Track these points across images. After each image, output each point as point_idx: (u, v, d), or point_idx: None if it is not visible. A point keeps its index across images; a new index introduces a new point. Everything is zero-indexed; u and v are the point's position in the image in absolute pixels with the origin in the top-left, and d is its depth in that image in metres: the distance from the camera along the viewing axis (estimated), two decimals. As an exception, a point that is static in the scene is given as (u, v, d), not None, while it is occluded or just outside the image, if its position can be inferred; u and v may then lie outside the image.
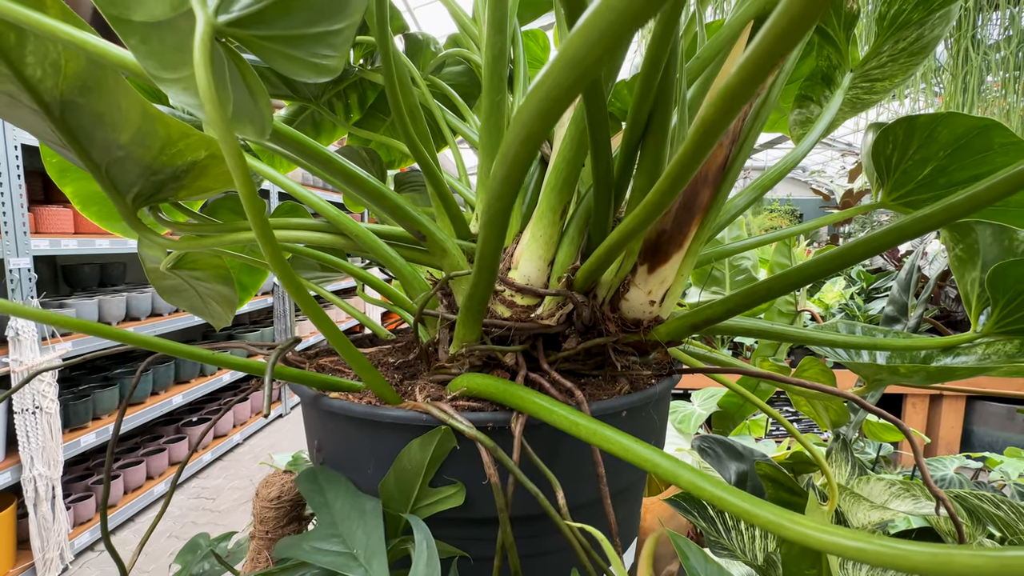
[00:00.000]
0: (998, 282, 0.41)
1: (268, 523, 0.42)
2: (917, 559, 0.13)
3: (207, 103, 0.18)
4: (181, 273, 0.56)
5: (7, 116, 0.32)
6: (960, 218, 0.41)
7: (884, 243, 0.28)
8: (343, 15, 0.18)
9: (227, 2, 0.18)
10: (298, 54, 0.19)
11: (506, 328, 0.32)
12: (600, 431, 0.22)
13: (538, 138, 0.18)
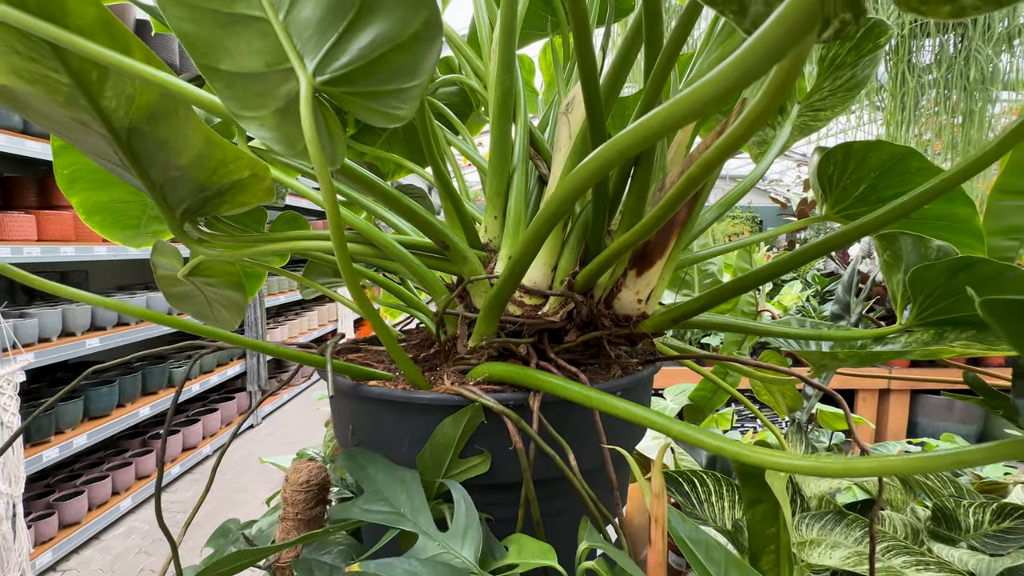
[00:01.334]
0: (917, 283, 0.49)
1: (298, 505, 0.46)
2: (832, 467, 0.20)
3: (311, 146, 0.23)
4: (195, 280, 0.59)
5: (74, 139, 0.36)
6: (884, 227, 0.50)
7: (820, 250, 0.35)
8: (415, 76, 0.23)
9: (323, 66, 0.24)
10: (376, 106, 0.24)
11: (518, 324, 0.37)
12: (607, 400, 0.27)
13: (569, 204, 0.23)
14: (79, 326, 2.17)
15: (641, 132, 0.18)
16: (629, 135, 0.19)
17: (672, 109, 0.17)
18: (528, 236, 0.29)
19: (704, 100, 0.16)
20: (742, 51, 0.14)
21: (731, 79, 0.14)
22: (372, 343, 0.55)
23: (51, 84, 0.31)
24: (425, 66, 0.23)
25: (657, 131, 0.17)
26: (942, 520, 0.60)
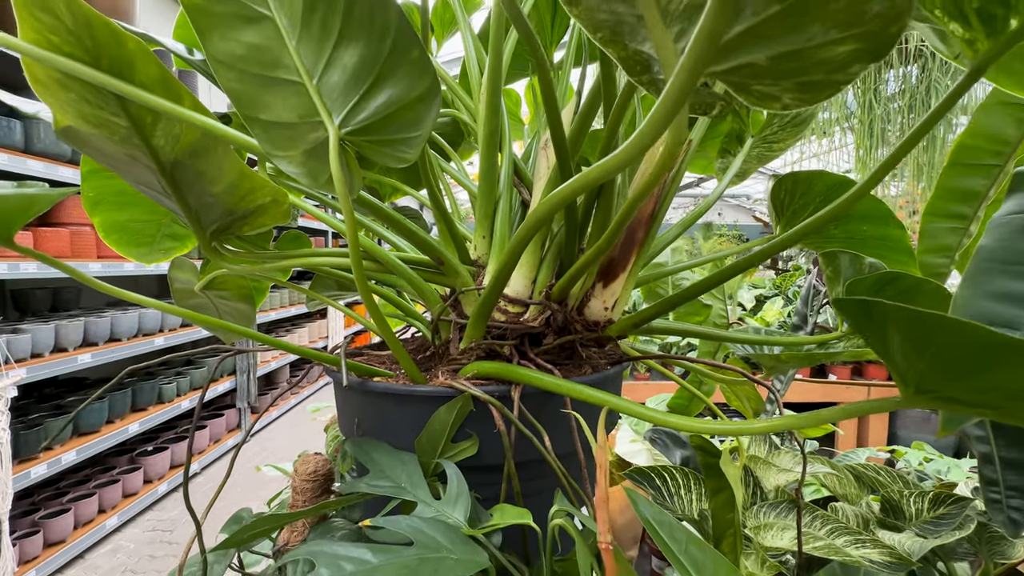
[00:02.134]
0: (851, 294, 0.56)
1: (305, 494, 0.51)
2: (730, 427, 0.26)
3: (337, 183, 0.29)
4: (209, 293, 0.65)
5: (120, 169, 0.42)
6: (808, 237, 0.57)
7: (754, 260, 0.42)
8: (420, 128, 0.30)
9: (347, 120, 0.30)
10: (389, 151, 0.31)
11: (502, 329, 0.43)
12: (577, 388, 0.34)
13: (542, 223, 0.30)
14: (71, 342, 2.18)
15: (582, 181, 0.25)
16: (579, 180, 0.25)
17: (605, 165, 0.23)
18: (509, 249, 0.36)
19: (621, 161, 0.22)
20: (642, 128, 0.20)
21: (635, 147, 0.21)
22: (374, 348, 0.61)
23: (111, 126, 0.38)
24: (427, 121, 0.30)
25: (596, 179, 0.24)
26: (890, 511, 0.66)
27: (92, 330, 2.29)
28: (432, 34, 0.78)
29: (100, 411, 2.34)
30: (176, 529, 2.52)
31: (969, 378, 0.20)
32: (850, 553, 0.50)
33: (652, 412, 0.29)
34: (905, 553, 0.52)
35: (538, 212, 0.30)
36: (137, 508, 2.55)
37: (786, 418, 0.26)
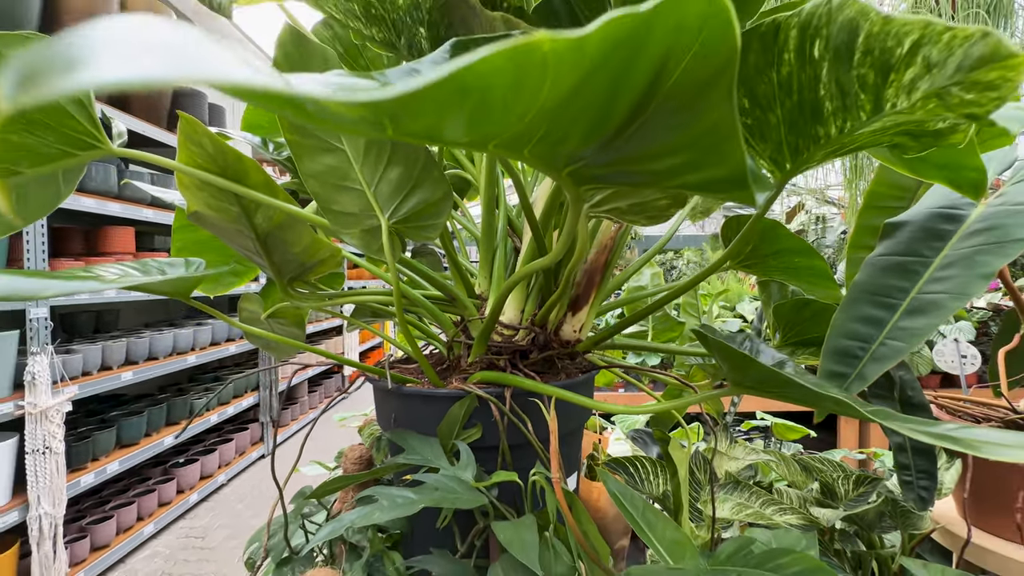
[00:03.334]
0: (777, 315, 0.71)
1: (352, 471, 0.66)
2: (652, 407, 0.41)
3: (388, 255, 0.45)
4: (271, 320, 0.81)
5: (227, 238, 0.59)
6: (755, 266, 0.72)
7: (693, 283, 0.57)
8: (440, 217, 0.46)
9: (392, 214, 0.47)
10: (420, 233, 0.47)
11: (499, 347, 0.59)
12: (552, 389, 0.49)
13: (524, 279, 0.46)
14: (115, 360, 2.38)
15: (539, 264, 0.41)
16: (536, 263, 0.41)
17: (548, 259, 0.39)
18: (500, 292, 0.52)
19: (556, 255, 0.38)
20: (560, 238, 0.36)
21: (562, 247, 0.36)
22: (401, 363, 0.77)
23: (227, 212, 0.55)
24: (444, 215, 0.46)
25: (548, 263, 0.40)
26: (826, 493, 0.80)
27: (133, 349, 2.49)
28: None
29: (139, 425, 2.53)
30: (207, 535, 2.68)
31: (754, 384, 0.36)
32: (773, 518, 0.64)
33: (592, 401, 0.44)
34: (815, 519, 0.66)
35: (519, 273, 0.46)
36: (171, 516, 2.72)
37: (656, 405, 0.41)
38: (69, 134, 0.47)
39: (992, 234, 0.51)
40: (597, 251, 0.58)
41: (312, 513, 0.69)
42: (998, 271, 0.49)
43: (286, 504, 0.64)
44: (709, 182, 0.25)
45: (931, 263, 0.54)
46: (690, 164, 0.24)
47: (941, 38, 0.21)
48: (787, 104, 0.34)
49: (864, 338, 0.54)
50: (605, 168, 0.26)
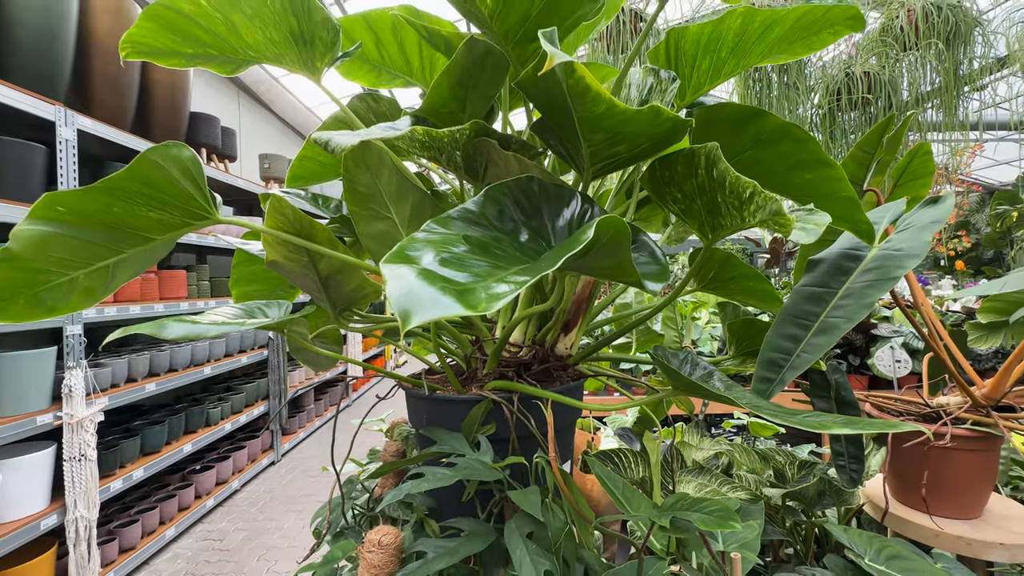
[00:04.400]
0: (731, 331, 0.88)
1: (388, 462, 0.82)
2: (622, 404, 0.58)
3: (427, 298, 0.62)
4: (316, 340, 0.98)
5: (295, 280, 0.76)
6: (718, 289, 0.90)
7: (663, 304, 0.74)
8: (464, 269, 0.63)
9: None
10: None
11: (507, 361, 0.76)
12: (550, 393, 0.66)
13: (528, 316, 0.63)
14: (140, 372, 2.53)
15: (536, 309, 0.57)
16: (534, 308, 0.57)
17: (544, 306, 0.55)
18: (509, 326, 0.68)
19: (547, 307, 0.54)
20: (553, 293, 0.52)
21: (555, 299, 0.53)
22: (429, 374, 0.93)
23: (298, 261, 0.71)
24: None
25: (544, 309, 0.56)
26: (778, 476, 0.96)
27: (156, 362, 2.64)
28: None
29: (161, 433, 2.67)
30: (225, 538, 2.82)
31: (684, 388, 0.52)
32: (727, 495, 0.81)
33: (580, 402, 0.61)
34: (763, 495, 0.82)
35: (520, 314, 0.63)
36: (190, 520, 2.86)
37: (626, 403, 0.57)
38: (189, 209, 0.63)
39: (878, 272, 0.68)
40: (583, 285, 0.75)
41: (357, 496, 0.85)
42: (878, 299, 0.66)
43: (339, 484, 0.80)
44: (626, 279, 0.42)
45: (836, 293, 0.71)
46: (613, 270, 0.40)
47: (761, 195, 0.38)
48: (704, 199, 0.51)
49: (786, 351, 0.71)
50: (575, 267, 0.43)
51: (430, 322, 0.29)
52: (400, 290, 0.29)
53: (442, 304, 0.28)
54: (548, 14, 0.51)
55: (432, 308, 0.27)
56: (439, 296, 0.29)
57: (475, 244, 0.38)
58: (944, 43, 2.52)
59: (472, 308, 0.28)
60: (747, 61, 0.75)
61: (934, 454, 0.84)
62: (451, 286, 0.31)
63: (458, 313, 0.27)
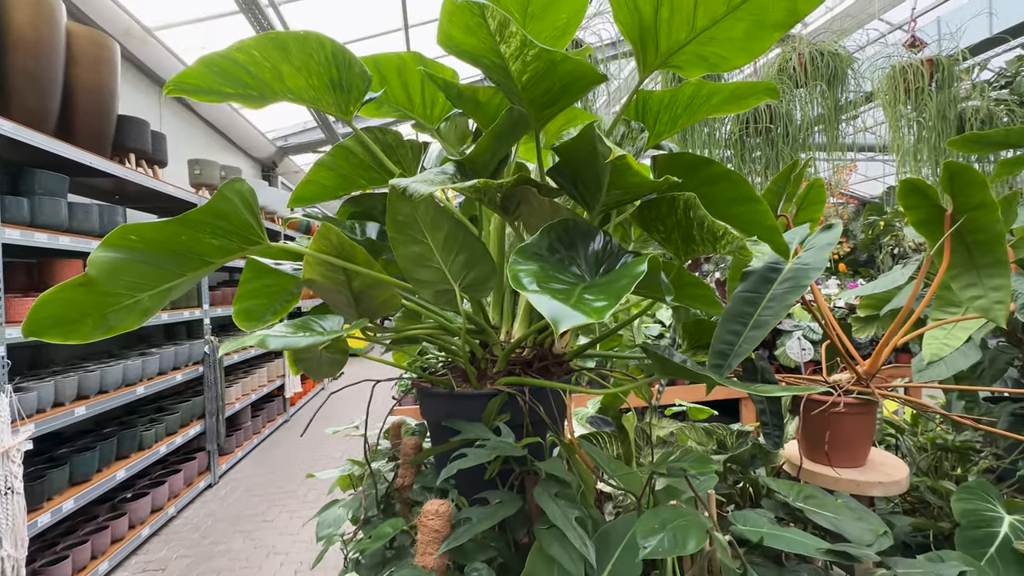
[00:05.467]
0: (685, 329, 1.08)
1: (409, 455, 0.93)
2: (611, 391, 0.74)
3: (461, 311, 0.75)
4: (325, 351, 1.06)
5: (327, 296, 0.85)
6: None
7: (637, 316, 0.92)
8: (489, 285, 0.76)
9: (460, 283, 0.76)
10: (476, 293, 0.77)
11: (514, 361, 0.90)
12: (555, 383, 0.81)
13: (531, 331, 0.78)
14: (68, 396, 2.35)
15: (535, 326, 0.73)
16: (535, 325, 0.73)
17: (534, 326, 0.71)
18: (518, 338, 0.83)
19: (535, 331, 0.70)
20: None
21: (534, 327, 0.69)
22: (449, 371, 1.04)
23: (334, 279, 0.81)
24: (492, 283, 0.76)
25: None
26: (720, 446, 1.18)
27: (84, 383, 2.45)
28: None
29: (91, 460, 2.48)
30: (168, 567, 2.66)
31: (670, 372, 0.70)
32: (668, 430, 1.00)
33: (578, 388, 0.77)
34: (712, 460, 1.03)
35: (520, 333, 0.78)
36: (125, 552, 2.67)
37: (611, 389, 0.74)
38: (246, 236, 0.72)
39: (793, 281, 0.91)
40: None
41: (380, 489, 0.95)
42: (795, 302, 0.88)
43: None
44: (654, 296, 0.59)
45: (764, 297, 0.93)
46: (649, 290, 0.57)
47: (731, 234, 0.56)
48: (680, 231, 0.69)
49: (730, 343, 0.92)
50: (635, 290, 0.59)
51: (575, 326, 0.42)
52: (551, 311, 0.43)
53: (574, 317, 0.42)
54: (565, 88, 0.67)
55: (572, 319, 0.41)
56: (572, 311, 0.43)
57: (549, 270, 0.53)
58: (826, 83, 3.03)
59: (597, 316, 0.42)
60: (695, 117, 0.95)
61: (832, 419, 1.09)
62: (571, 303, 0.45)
63: (587, 321, 0.42)
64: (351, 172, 1.05)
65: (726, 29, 0.69)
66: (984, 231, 1.02)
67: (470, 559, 0.69)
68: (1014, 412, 1.23)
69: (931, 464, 1.29)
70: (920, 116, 3.31)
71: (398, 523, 0.75)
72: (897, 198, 1.08)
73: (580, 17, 0.83)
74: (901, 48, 3.44)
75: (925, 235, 1.09)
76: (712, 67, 0.76)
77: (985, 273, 1.07)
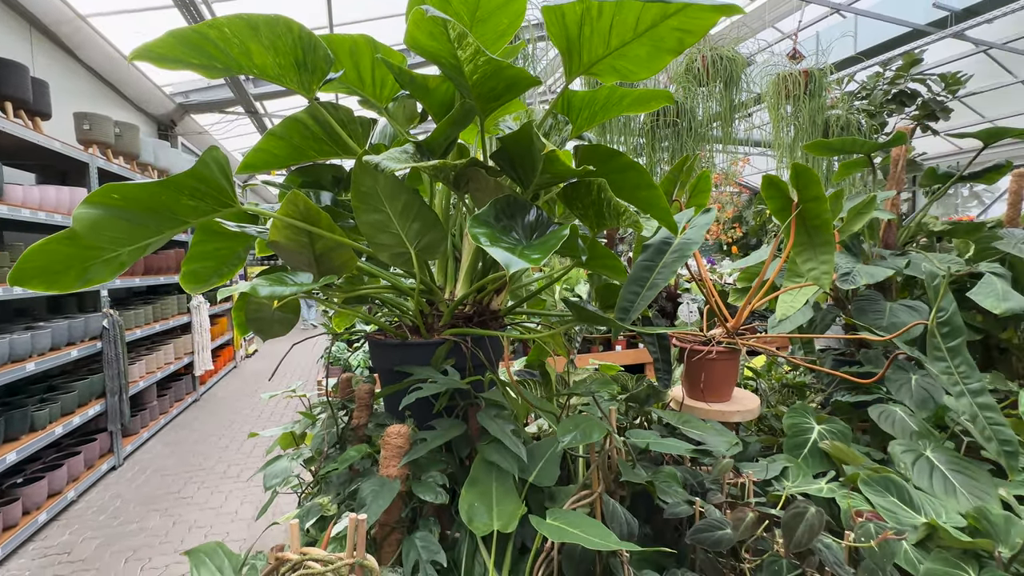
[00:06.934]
0: (598, 291, 1.31)
1: (363, 398, 1.06)
2: (540, 335, 0.93)
3: (417, 270, 0.88)
4: (277, 310, 1.15)
5: (289, 258, 0.94)
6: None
7: (560, 276, 1.11)
8: (441, 248, 0.90)
9: (415, 246, 0.90)
10: (429, 255, 0.91)
11: (458, 315, 1.06)
12: (493, 332, 0.98)
13: (474, 285, 0.94)
14: (-55, 373, 2.11)
15: (493, 277, 0.88)
16: (493, 275, 0.89)
17: (475, 286, 0.87)
18: (461, 296, 0.98)
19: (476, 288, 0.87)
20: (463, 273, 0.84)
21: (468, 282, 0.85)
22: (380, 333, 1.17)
23: (298, 242, 0.91)
24: (443, 246, 0.90)
25: (498, 276, 0.87)
26: (623, 389, 1.44)
27: (-36, 359, 2.21)
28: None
29: (-24, 442, 2.26)
30: (73, 550, 2.52)
31: (586, 319, 0.90)
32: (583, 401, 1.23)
33: (513, 334, 0.94)
34: (617, 399, 1.27)
35: (462, 291, 0.94)
36: (19, 539, 2.48)
37: (542, 333, 0.93)
38: (220, 199, 0.80)
39: (679, 252, 1.15)
40: (509, 261, 1.08)
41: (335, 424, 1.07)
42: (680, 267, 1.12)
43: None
44: (573, 255, 0.77)
45: (658, 265, 1.16)
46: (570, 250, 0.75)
47: (629, 211, 0.76)
48: (595, 209, 0.88)
49: (631, 300, 1.14)
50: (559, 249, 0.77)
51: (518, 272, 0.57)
52: (504, 259, 0.59)
53: (519, 263, 0.58)
54: (508, 88, 0.82)
55: (518, 264, 0.57)
56: (518, 259, 0.58)
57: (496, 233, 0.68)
58: (724, 84, 3.43)
59: (535, 263, 0.58)
60: (610, 114, 1.15)
61: (707, 364, 1.38)
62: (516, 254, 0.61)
63: (527, 266, 0.58)
64: (302, 143, 1.12)
65: (633, 49, 0.88)
66: (818, 218, 1.33)
67: (425, 471, 0.85)
68: (835, 357, 1.62)
69: (778, 399, 1.66)
70: (796, 119, 3.86)
71: (362, 448, 0.89)
72: (761, 190, 1.36)
73: (519, 22, 0.98)
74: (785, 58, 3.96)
75: (780, 220, 1.40)
76: (623, 77, 0.95)
77: (819, 251, 1.40)
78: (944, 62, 6.49)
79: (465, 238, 1.11)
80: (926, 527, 0.86)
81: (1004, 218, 1.78)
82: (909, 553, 0.84)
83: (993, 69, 6.79)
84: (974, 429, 1.01)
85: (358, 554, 0.54)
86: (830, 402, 1.48)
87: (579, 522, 0.72)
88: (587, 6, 0.78)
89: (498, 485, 0.83)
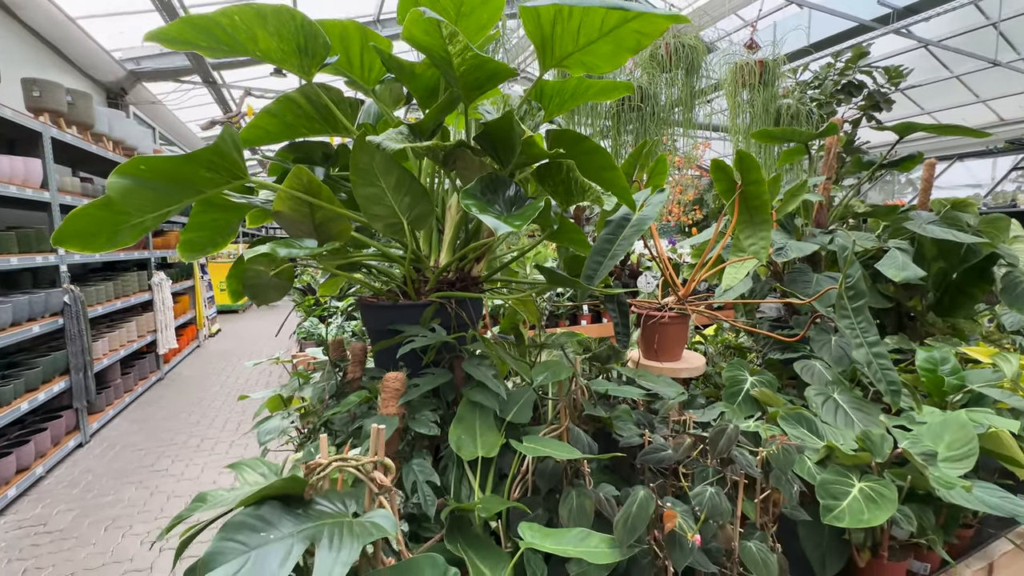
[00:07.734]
0: (566, 262, 1.46)
1: (358, 356, 1.19)
2: (511, 297, 1.07)
3: (408, 239, 1.00)
4: (273, 276, 1.24)
5: (290, 228, 1.04)
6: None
7: (530, 248, 1.25)
8: (429, 219, 1.02)
9: (407, 217, 1.01)
10: (419, 225, 1.02)
11: (443, 281, 1.19)
12: (468, 294, 1.12)
13: (455, 252, 1.07)
14: (-94, 346, 2.07)
15: (477, 244, 1.01)
16: (476, 242, 1.01)
17: (458, 253, 0.99)
18: (445, 263, 1.11)
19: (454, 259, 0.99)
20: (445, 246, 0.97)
21: (450, 251, 0.98)
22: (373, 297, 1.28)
23: (300, 212, 1.02)
24: (431, 218, 1.02)
25: (480, 242, 1.00)
26: (586, 350, 1.61)
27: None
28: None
29: (-59, 417, 2.23)
30: (49, 522, 2.53)
31: (556, 282, 1.05)
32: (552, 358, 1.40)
33: (482, 295, 1.08)
34: (582, 356, 1.44)
35: (446, 260, 1.06)
36: (-9, 513, 2.47)
37: (512, 296, 1.07)
38: (232, 171, 0.89)
39: (637, 227, 1.31)
40: (487, 233, 1.21)
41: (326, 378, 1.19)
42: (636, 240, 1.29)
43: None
44: (546, 225, 0.91)
45: (618, 237, 1.32)
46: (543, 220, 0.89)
47: (593, 189, 0.90)
48: (564, 185, 1.02)
49: (595, 269, 1.30)
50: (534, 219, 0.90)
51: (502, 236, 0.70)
52: (493, 224, 0.72)
53: (505, 227, 0.71)
54: (490, 78, 0.94)
55: (504, 228, 0.70)
56: (504, 224, 0.72)
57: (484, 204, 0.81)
58: (685, 71, 3.61)
59: (518, 227, 0.71)
60: (578, 101, 1.28)
61: (660, 327, 1.57)
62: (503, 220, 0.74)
63: (512, 231, 0.71)
64: (294, 121, 1.21)
65: (599, 46, 1.01)
66: (758, 199, 1.52)
67: (418, 411, 0.99)
68: (771, 323, 1.84)
69: (723, 360, 1.88)
70: (751, 106, 4.09)
71: (362, 394, 1.02)
72: (711, 172, 1.53)
73: (498, 16, 1.09)
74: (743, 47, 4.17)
75: (725, 200, 1.58)
76: (590, 70, 1.08)
77: (758, 228, 1.59)
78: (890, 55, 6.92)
79: (448, 211, 1.23)
80: (826, 448, 1.07)
81: (917, 202, 2.03)
82: (811, 470, 1.05)
83: (932, 65, 7.30)
84: (869, 372, 1.23)
85: (379, 456, 0.67)
86: (764, 359, 1.70)
87: (549, 443, 0.88)
88: (559, 8, 0.91)
89: (481, 422, 0.98)
